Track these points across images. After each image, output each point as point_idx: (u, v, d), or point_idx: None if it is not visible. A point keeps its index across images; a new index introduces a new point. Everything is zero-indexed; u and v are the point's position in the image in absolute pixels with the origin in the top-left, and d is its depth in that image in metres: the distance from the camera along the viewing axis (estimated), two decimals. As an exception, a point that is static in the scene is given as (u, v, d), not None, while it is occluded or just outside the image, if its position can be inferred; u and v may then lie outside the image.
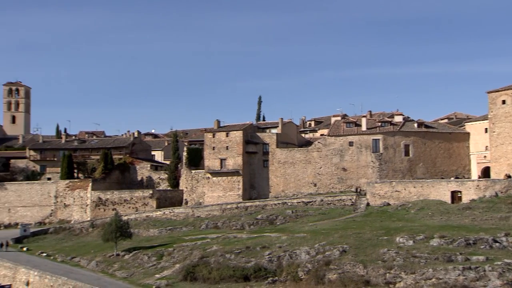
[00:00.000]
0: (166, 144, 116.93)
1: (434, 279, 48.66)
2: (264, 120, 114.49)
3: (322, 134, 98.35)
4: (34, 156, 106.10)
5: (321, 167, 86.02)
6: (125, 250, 69.90)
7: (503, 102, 78.11)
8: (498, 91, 78.88)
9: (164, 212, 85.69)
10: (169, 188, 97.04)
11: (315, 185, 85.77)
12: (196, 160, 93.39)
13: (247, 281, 55.60)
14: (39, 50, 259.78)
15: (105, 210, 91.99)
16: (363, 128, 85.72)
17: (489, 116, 79.71)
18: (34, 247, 78.86)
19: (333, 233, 62.80)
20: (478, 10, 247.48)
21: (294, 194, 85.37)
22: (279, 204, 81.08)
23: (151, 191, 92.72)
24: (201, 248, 64.90)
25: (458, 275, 48.16)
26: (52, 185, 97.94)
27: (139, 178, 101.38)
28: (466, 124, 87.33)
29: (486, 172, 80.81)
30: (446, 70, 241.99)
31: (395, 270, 50.79)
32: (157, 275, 60.75)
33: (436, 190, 73.74)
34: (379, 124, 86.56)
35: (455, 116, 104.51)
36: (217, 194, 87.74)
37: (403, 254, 53.29)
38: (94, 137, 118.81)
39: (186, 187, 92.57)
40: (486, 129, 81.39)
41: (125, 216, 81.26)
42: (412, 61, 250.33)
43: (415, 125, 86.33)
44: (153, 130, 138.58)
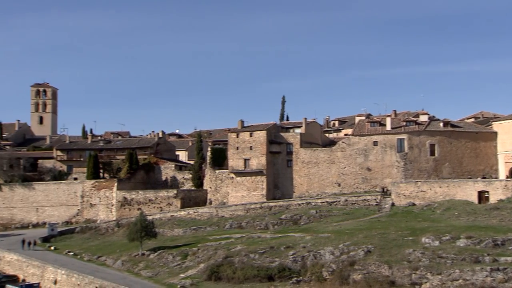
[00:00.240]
0: (190, 144, 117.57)
1: (461, 280, 48.05)
2: (287, 120, 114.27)
3: (346, 134, 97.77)
4: (61, 156, 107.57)
5: (345, 167, 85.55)
6: (150, 249, 70.47)
7: (532, 100, 76.68)
8: (526, 90, 77.46)
9: (188, 212, 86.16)
10: (193, 188, 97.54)
11: (339, 185, 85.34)
12: (220, 160, 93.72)
13: (272, 281, 55.59)
14: (66, 52, 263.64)
15: (130, 210, 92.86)
16: (388, 127, 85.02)
17: (517, 114, 78.34)
18: (61, 246, 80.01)
19: (357, 233, 62.43)
20: (507, 6, 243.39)
21: (318, 194, 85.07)
22: (303, 204, 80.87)
23: (176, 191, 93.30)
24: (225, 247, 65.09)
25: (486, 276, 47.48)
26: (78, 185, 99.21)
27: (164, 178, 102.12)
28: (493, 123, 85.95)
29: (514, 172, 79.49)
30: (473, 68, 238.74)
31: (421, 271, 50.28)
32: (181, 275, 61.12)
33: (462, 190, 72.77)
34: (404, 123, 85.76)
35: (482, 115, 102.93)
36: (241, 194, 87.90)
37: (429, 254, 52.72)
38: (119, 137, 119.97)
39: (210, 187, 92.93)
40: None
41: (150, 215, 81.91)
42: (437, 60, 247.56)
43: (441, 124, 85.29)
44: (177, 130, 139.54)
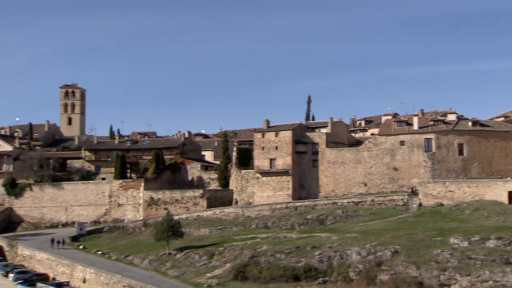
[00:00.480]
0: (216, 144, 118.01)
1: (491, 282, 47.38)
2: (313, 119, 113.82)
3: (372, 134, 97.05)
4: (89, 156, 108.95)
5: (371, 167, 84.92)
6: (176, 249, 70.95)
7: None
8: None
9: (214, 211, 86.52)
10: (219, 188, 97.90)
11: (366, 185, 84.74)
12: (245, 160, 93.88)
13: (298, 281, 55.53)
14: (94, 53, 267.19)
15: (157, 210, 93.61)
16: (415, 127, 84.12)
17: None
18: (89, 245, 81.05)
19: (384, 233, 61.94)
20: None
21: (344, 194, 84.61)
22: (329, 204, 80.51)
23: (202, 191, 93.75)
24: (251, 247, 65.19)
25: (516, 278, 46.68)
26: (106, 185, 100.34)
27: (190, 178, 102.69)
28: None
29: (545, 171, 77.90)
30: (502, 66, 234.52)
31: (450, 272, 49.70)
32: (208, 274, 61.41)
33: (492, 190, 71.55)
34: (432, 123, 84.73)
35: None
36: (266, 194, 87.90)
37: (458, 255, 52.05)
38: (146, 137, 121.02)
39: (236, 187, 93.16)
40: (545, 127, 78.45)
41: (176, 215, 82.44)
42: (466, 58, 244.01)
43: (470, 123, 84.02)
44: (203, 131, 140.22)
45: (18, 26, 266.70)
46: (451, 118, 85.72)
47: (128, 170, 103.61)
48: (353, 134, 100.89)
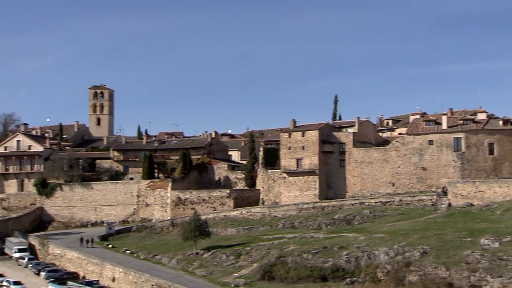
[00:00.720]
0: (242, 144, 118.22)
1: (522, 284, 46.49)
2: (340, 119, 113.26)
3: (400, 133, 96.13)
4: (118, 156, 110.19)
5: (399, 167, 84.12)
6: (204, 248, 71.34)
7: None
8: None
9: (241, 211, 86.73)
10: (246, 187, 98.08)
11: (393, 184, 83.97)
12: (272, 160, 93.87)
13: (325, 281, 55.38)
14: (121, 54, 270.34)
15: (184, 210, 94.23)
16: (444, 126, 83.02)
17: None
18: (118, 245, 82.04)
19: (412, 234, 61.33)
20: None
21: (371, 194, 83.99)
22: (356, 204, 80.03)
23: (229, 191, 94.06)
24: (278, 247, 65.20)
25: (549, 280, 45.73)
26: (134, 184, 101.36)
27: (217, 178, 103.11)
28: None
29: None
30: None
31: (480, 273, 48.97)
32: (235, 274, 61.62)
33: (523, 190, 70.21)
34: (461, 122, 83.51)
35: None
36: (293, 194, 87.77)
37: (489, 256, 51.24)
38: (173, 137, 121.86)
39: (263, 187, 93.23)
40: None
41: (203, 215, 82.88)
42: (496, 56, 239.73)
43: (500, 122, 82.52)
44: (230, 131, 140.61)
45: (47, 29, 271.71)
46: (481, 117, 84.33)
47: (155, 170, 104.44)
48: (380, 134, 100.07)
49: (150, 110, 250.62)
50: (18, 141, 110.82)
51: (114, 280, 65.81)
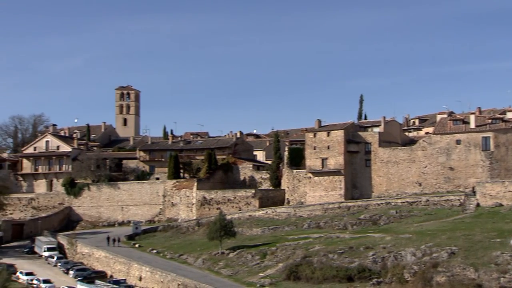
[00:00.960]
0: (267, 144, 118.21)
1: (554, 285, 45.61)
2: (365, 119, 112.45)
3: (427, 132, 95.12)
4: (144, 156, 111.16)
5: (426, 166, 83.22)
6: (229, 248, 71.60)
7: None
8: None
9: (266, 211, 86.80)
10: (271, 187, 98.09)
11: (420, 184, 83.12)
12: (297, 159, 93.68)
13: (351, 281, 55.15)
14: (147, 54, 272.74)
15: (209, 209, 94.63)
16: (472, 125, 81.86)
17: None
18: (145, 244, 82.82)
19: (440, 234, 60.66)
20: None
21: (398, 194, 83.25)
22: (382, 204, 79.44)
23: (254, 191, 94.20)
24: (303, 247, 65.12)
25: None
26: (160, 184, 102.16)
27: (242, 178, 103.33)
28: None
29: None
30: None
31: (511, 274, 48.17)
32: (260, 274, 61.72)
33: (554, 190, 68.83)
34: (490, 121, 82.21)
35: None
36: (318, 194, 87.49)
37: (519, 257, 50.35)
38: (199, 138, 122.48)
39: (288, 187, 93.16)
40: None
41: (228, 215, 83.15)
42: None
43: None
44: (255, 131, 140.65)
45: (75, 30, 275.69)
46: (510, 116, 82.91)
47: (181, 170, 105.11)
48: (406, 133, 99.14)
49: (176, 111, 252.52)
50: (47, 141, 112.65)
51: (141, 279, 66.47)
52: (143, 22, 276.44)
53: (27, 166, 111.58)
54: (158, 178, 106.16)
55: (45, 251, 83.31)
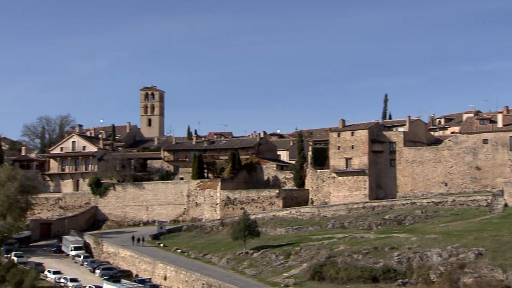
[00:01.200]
0: (291, 144, 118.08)
1: None
2: (390, 118, 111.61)
3: (453, 132, 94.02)
4: (168, 157, 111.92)
5: (452, 166, 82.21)
6: (253, 248, 71.71)
7: None
8: None
9: (290, 211, 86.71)
10: (294, 187, 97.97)
11: (446, 184, 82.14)
12: (321, 159, 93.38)
13: (376, 282, 54.81)
14: (171, 55, 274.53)
15: (233, 209, 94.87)
16: (499, 124, 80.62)
17: None
18: (169, 244, 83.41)
19: (467, 235, 59.88)
20: None
21: (423, 194, 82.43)
22: (408, 204, 78.74)
23: (277, 191, 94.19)
24: (328, 247, 64.91)
25: None
26: (184, 184, 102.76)
27: (265, 178, 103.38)
28: None
29: None
30: None
31: (539, 276, 47.32)
32: (285, 274, 61.70)
33: None
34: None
35: None
36: (342, 194, 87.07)
37: (548, 259, 49.45)
38: (222, 138, 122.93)
39: (312, 187, 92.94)
40: None
41: (252, 215, 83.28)
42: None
43: (559, 119, 79.48)
44: (278, 131, 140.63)
45: (100, 32, 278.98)
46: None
47: (205, 170, 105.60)
48: (432, 133, 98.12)
49: (200, 111, 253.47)
50: (74, 142, 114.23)
51: (165, 278, 66.96)
52: (167, 22, 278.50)
53: (54, 166, 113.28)
54: (182, 178, 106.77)
55: (71, 250, 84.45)
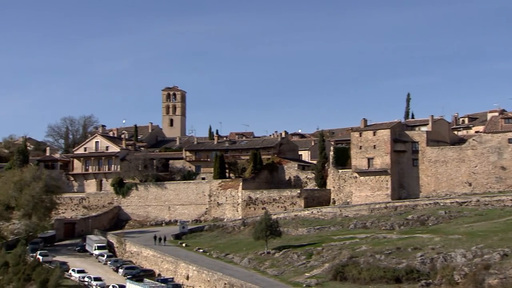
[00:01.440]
0: (312, 144, 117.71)
1: None
2: (413, 117, 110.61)
3: (477, 131, 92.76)
4: (190, 157, 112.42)
5: (476, 166, 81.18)
6: (275, 248, 71.69)
7: None
8: None
9: (312, 211, 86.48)
10: (316, 187, 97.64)
11: (470, 184, 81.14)
12: (343, 159, 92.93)
13: (399, 283, 54.42)
14: (192, 56, 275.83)
15: (255, 209, 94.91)
16: (524, 123, 79.44)
17: None
18: (191, 243, 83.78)
19: (492, 235, 59.13)
20: None
21: (446, 194, 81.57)
22: (431, 204, 78.00)
23: (299, 191, 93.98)
24: (350, 248, 64.62)
25: None
26: (206, 184, 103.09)
27: (287, 178, 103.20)
28: None
29: None
30: None
31: None
32: (306, 274, 61.57)
33: None
34: (543, 118, 79.62)
35: None
36: (364, 194, 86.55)
37: None
38: (244, 138, 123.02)
39: (333, 187, 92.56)
40: None
41: (274, 215, 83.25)
42: None
43: None
44: (299, 130, 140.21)
45: (122, 33, 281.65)
46: None
47: (226, 170, 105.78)
48: (455, 132, 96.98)
49: (221, 111, 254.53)
50: (97, 142, 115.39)
51: (188, 278, 67.32)
52: (188, 23, 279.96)
53: (78, 166, 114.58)
54: (204, 178, 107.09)
55: (95, 250, 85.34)
